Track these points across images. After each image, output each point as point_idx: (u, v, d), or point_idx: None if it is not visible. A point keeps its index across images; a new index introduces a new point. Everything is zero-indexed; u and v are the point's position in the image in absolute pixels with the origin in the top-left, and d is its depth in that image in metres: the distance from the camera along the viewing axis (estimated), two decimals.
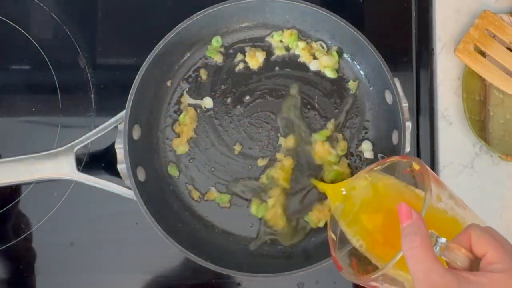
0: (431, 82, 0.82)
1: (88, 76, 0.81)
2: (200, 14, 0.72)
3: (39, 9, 0.82)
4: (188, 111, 0.77)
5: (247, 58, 0.78)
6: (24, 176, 0.70)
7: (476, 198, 0.79)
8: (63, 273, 0.78)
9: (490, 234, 0.47)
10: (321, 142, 0.76)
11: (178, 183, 0.76)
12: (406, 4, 0.83)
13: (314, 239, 0.75)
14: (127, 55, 0.82)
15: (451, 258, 0.47)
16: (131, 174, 0.69)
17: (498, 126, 0.80)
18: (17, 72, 0.83)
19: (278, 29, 0.78)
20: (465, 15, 0.81)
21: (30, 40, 0.81)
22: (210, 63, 0.78)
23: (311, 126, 0.77)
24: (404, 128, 0.69)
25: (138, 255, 0.78)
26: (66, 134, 0.79)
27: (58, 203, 0.78)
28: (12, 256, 0.78)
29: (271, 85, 0.78)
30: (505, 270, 0.45)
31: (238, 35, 0.79)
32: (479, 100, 0.80)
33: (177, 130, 0.77)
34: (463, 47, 0.79)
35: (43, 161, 0.70)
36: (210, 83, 0.78)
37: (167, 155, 0.77)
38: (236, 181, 0.76)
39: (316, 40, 0.79)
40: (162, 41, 0.71)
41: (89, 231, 0.79)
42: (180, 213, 0.76)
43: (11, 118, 0.81)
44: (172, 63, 0.77)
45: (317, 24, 0.77)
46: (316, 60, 0.78)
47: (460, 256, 0.47)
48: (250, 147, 0.77)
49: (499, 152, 0.78)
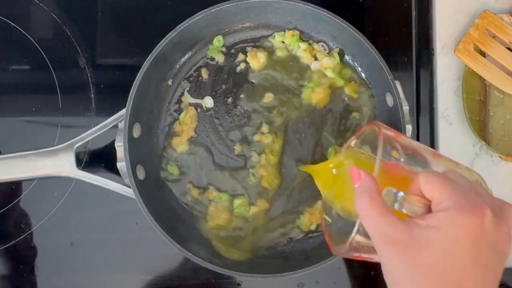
0: (431, 82, 0.82)
1: (88, 76, 0.81)
2: (202, 14, 0.72)
3: (39, 9, 0.82)
4: (188, 110, 0.77)
5: (249, 58, 0.78)
6: (24, 172, 0.70)
7: None
8: (63, 273, 0.78)
9: (438, 176, 0.46)
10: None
11: (178, 182, 0.76)
12: (406, 4, 0.83)
13: (312, 241, 0.75)
14: (127, 55, 0.83)
15: (411, 210, 0.46)
16: (130, 173, 0.69)
17: (498, 126, 0.80)
18: (17, 72, 0.83)
19: (280, 29, 0.78)
20: (465, 15, 0.82)
21: (30, 40, 0.82)
22: (211, 62, 0.78)
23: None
24: (405, 131, 0.69)
25: (138, 255, 0.78)
26: (66, 134, 0.79)
27: (58, 203, 0.78)
28: (12, 255, 0.78)
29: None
30: (452, 206, 0.44)
31: (240, 35, 0.79)
32: (479, 100, 0.80)
33: (177, 129, 0.77)
34: (463, 47, 0.79)
35: (42, 158, 0.70)
36: (211, 82, 0.78)
37: (167, 154, 0.77)
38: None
39: (317, 41, 0.79)
40: (164, 40, 0.71)
41: (89, 231, 0.79)
42: (179, 212, 0.75)
43: (11, 118, 0.81)
44: (173, 62, 0.77)
45: (319, 25, 0.77)
46: (318, 62, 0.78)
47: (417, 205, 0.46)
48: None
49: (499, 152, 0.78)
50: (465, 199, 0.44)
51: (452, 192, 0.44)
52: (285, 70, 0.78)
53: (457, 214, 0.43)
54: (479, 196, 0.45)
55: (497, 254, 0.44)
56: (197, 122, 0.77)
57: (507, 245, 0.45)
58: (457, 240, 0.43)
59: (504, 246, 0.44)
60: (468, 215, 0.43)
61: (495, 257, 0.44)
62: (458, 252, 0.43)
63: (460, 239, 0.43)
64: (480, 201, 0.44)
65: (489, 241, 0.43)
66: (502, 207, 0.46)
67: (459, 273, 0.43)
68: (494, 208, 0.45)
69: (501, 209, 0.46)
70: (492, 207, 0.44)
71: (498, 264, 0.44)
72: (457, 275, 0.43)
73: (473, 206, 0.43)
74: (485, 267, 0.43)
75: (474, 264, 0.43)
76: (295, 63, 0.78)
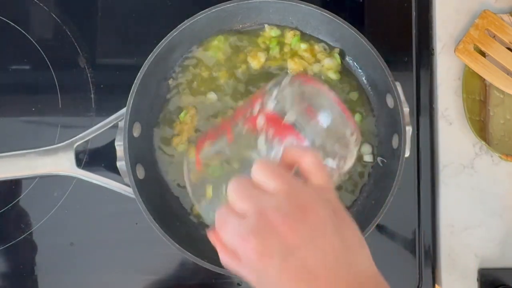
0: (431, 82, 0.82)
1: (88, 76, 0.81)
2: (203, 13, 0.72)
3: (39, 9, 0.82)
4: (188, 109, 0.77)
5: (249, 58, 0.78)
6: (24, 171, 0.70)
7: (476, 198, 0.79)
8: (63, 273, 0.78)
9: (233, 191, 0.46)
10: None
11: (177, 181, 0.76)
12: (406, 4, 0.83)
13: None
14: (127, 55, 0.82)
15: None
16: (130, 172, 0.69)
17: (498, 126, 0.80)
18: (17, 72, 0.83)
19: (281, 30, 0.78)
20: (465, 15, 0.82)
21: (30, 40, 0.82)
22: (212, 62, 0.78)
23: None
24: (405, 133, 0.69)
25: (138, 255, 0.78)
26: (66, 134, 0.78)
27: (58, 203, 0.78)
28: (12, 255, 0.78)
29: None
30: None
31: (241, 35, 0.79)
32: (479, 100, 0.80)
33: (177, 129, 0.77)
34: (463, 47, 0.79)
35: (42, 157, 0.70)
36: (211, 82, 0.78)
37: (167, 153, 0.77)
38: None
39: (318, 42, 0.79)
40: (165, 39, 0.71)
41: (89, 231, 0.79)
42: (179, 212, 0.76)
43: (11, 118, 0.81)
44: (174, 62, 0.77)
45: (320, 26, 0.77)
46: (318, 62, 0.78)
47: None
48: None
49: (499, 152, 0.78)
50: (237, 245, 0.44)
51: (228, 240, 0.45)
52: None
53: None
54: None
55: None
56: (197, 122, 0.77)
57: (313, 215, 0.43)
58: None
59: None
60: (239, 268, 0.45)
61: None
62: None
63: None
64: (242, 232, 0.43)
65: (278, 251, 0.42)
66: (296, 161, 0.46)
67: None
68: (286, 185, 0.44)
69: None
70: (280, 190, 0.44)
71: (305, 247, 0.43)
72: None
73: (240, 248, 0.44)
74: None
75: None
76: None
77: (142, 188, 0.70)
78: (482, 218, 0.78)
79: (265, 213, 0.43)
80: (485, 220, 0.78)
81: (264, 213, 0.43)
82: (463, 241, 0.78)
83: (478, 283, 0.77)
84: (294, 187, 0.44)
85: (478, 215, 0.78)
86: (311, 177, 0.46)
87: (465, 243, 0.78)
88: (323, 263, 0.42)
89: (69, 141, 0.71)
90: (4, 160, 0.70)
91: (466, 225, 0.78)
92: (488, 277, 0.76)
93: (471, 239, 0.78)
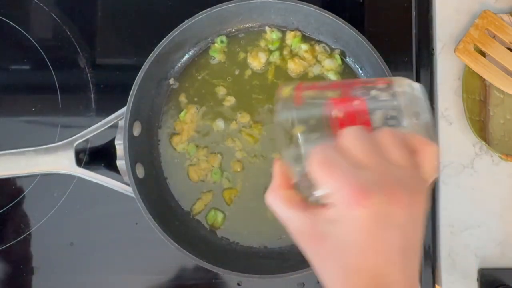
0: (431, 82, 0.82)
1: (88, 76, 0.81)
2: (204, 13, 0.72)
3: (39, 9, 0.82)
4: (189, 109, 0.77)
5: (250, 58, 0.78)
6: (23, 169, 0.70)
7: (476, 198, 0.79)
8: (63, 273, 0.78)
9: (317, 160, 0.43)
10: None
11: (177, 181, 0.76)
12: (406, 4, 0.83)
13: None
14: (127, 55, 0.83)
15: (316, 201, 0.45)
16: (130, 171, 0.69)
17: (498, 126, 0.80)
18: (17, 72, 0.83)
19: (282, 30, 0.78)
20: (465, 15, 0.82)
21: (30, 40, 0.82)
22: (213, 62, 0.78)
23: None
24: None
25: (138, 255, 0.78)
26: (66, 134, 0.78)
27: (58, 203, 0.78)
28: (12, 256, 0.78)
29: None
30: (337, 202, 0.42)
31: (242, 35, 0.79)
32: (479, 100, 0.80)
33: (177, 128, 0.77)
34: (463, 47, 0.79)
35: (42, 155, 0.70)
36: (212, 82, 0.78)
37: (166, 152, 0.77)
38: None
39: (319, 43, 0.79)
40: (166, 38, 0.71)
41: (89, 231, 0.78)
42: (178, 212, 0.76)
43: (11, 118, 0.81)
44: (175, 61, 0.77)
45: (321, 26, 0.77)
46: (319, 64, 0.78)
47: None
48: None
49: (499, 152, 0.77)
50: (347, 188, 0.41)
51: (332, 181, 0.42)
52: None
53: (343, 211, 0.42)
54: (365, 170, 0.43)
55: (397, 228, 0.42)
56: (197, 121, 0.77)
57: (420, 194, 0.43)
58: (350, 232, 0.42)
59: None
60: (353, 210, 0.41)
61: (394, 230, 0.42)
62: (352, 241, 0.42)
63: (352, 231, 0.42)
64: (363, 182, 0.42)
65: (385, 219, 0.41)
66: (417, 148, 0.44)
67: (357, 258, 0.42)
68: (401, 160, 0.43)
69: (415, 152, 0.44)
70: (395, 161, 0.43)
71: (400, 234, 0.42)
72: (354, 261, 0.42)
73: (356, 196, 0.41)
74: (385, 242, 0.42)
75: (372, 245, 0.42)
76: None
77: (142, 187, 0.70)
78: (482, 218, 0.78)
79: (385, 173, 0.42)
80: (485, 220, 0.78)
81: (384, 173, 0.42)
82: (463, 241, 0.78)
83: (478, 283, 0.77)
84: (416, 168, 0.44)
85: (478, 215, 0.78)
86: (427, 166, 0.45)
87: (465, 243, 0.78)
88: (414, 247, 0.43)
89: (69, 140, 0.71)
90: (4, 158, 0.70)
91: (466, 225, 0.78)
92: (488, 277, 0.76)
93: (471, 239, 0.78)
